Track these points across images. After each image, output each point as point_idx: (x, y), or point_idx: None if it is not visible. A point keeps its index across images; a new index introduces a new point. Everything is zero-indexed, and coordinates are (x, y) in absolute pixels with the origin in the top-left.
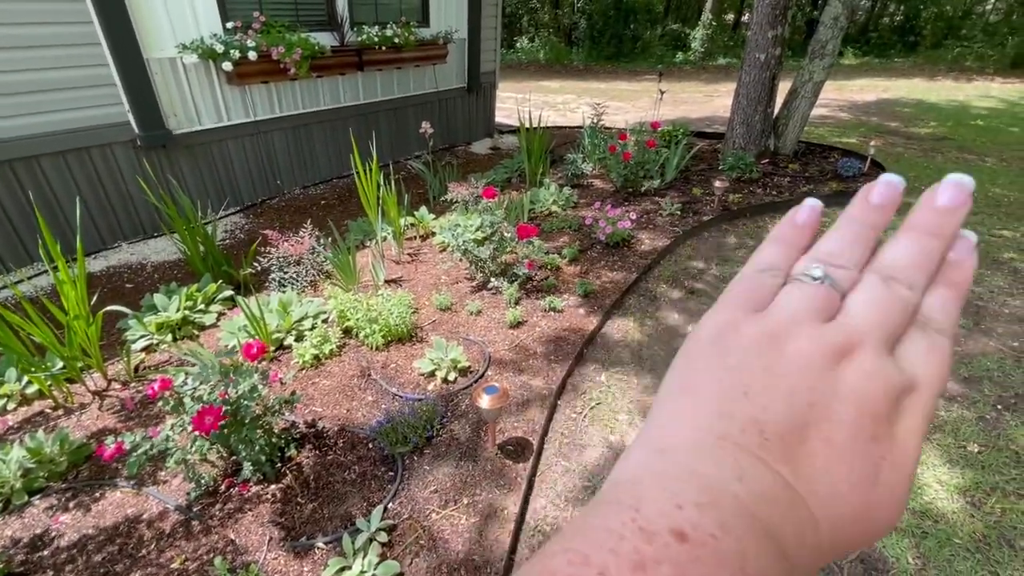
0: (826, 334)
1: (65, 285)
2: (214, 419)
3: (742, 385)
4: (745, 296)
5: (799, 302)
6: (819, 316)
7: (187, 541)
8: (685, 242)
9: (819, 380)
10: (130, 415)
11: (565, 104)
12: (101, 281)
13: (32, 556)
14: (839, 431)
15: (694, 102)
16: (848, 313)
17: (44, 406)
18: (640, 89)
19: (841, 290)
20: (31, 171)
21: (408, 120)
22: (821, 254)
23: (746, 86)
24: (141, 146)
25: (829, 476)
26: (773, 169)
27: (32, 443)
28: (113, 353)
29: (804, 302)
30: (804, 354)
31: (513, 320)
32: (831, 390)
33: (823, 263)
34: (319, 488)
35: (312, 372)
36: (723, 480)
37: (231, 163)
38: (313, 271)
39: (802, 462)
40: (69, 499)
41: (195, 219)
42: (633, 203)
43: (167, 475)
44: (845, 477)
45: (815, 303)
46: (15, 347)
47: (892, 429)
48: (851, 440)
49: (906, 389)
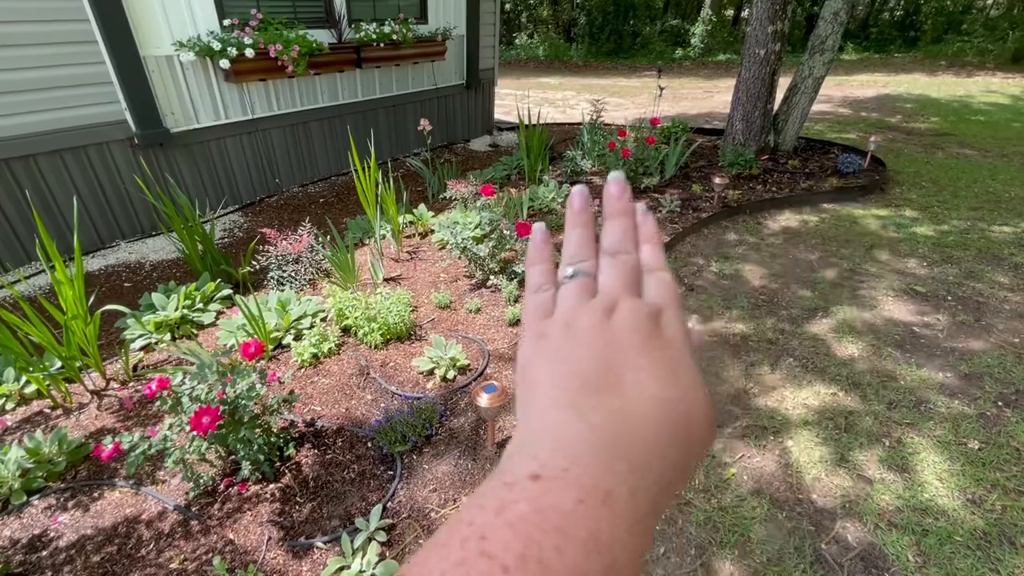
0: (594, 304)
1: (63, 285)
2: (211, 419)
3: (561, 360)
4: (536, 314)
5: (568, 296)
6: (585, 297)
7: (186, 541)
8: (685, 239)
9: (603, 331)
10: (128, 415)
11: (564, 101)
12: (99, 280)
13: (31, 556)
14: (632, 354)
15: (694, 98)
16: (602, 286)
17: (43, 406)
18: (639, 85)
19: (590, 275)
20: (28, 170)
21: (407, 117)
22: (567, 259)
23: (746, 82)
24: (139, 145)
25: (645, 387)
26: (773, 165)
27: (30, 443)
28: (111, 352)
29: (571, 295)
30: (587, 322)
31: (513, 318)
32: (613, 332)
33: (570, 265)
34: (318, 487)
35: (311, 371)
36: (569, 427)
37: (229, 161)
38: (312, 269)
39: (623, 388)
40: (68, 499)
41: (193, 218)
42: (633, 200)
43: (166, 475)
44: (655, 382)
45: (578, 291)
46: (13, 347)
47: (664, 338)
48: (642, 355)
49: (657, 311)
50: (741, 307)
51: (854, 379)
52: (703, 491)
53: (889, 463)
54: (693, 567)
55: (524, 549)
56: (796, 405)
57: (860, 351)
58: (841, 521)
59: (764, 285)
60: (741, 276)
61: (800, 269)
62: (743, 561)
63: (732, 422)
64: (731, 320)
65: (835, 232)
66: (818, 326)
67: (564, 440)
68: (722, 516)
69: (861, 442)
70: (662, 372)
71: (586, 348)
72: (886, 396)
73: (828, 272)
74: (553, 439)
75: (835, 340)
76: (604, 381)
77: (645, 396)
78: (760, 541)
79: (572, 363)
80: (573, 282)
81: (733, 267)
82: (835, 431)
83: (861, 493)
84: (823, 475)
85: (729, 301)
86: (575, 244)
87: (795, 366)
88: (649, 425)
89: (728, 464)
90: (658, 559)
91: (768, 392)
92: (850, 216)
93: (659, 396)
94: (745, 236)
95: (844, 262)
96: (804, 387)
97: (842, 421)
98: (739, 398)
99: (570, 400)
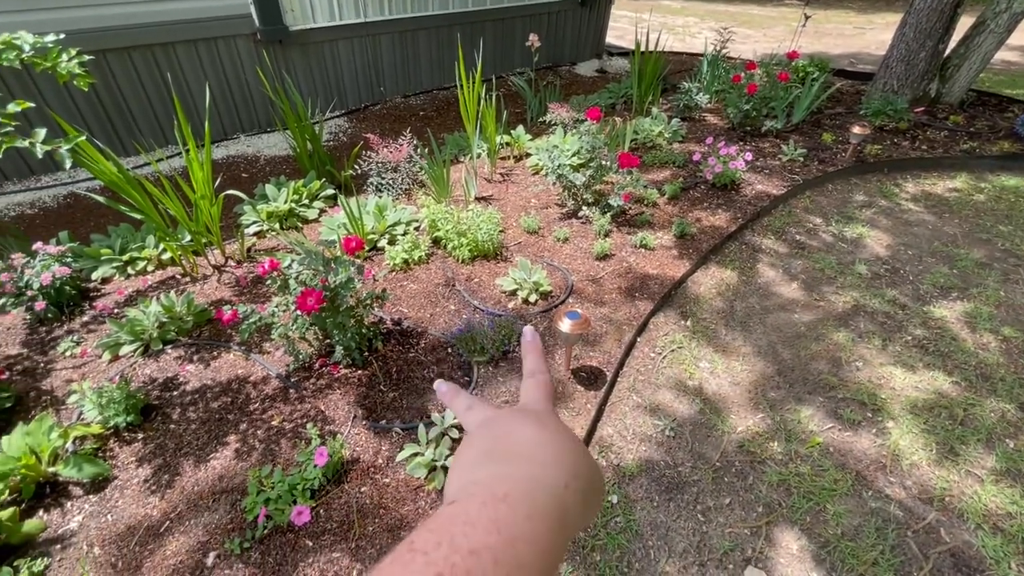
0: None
1: (194, 163)
2: (315, 301)
3: (469, 445)
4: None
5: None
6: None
7: (284, 405)
8: (803, 192)
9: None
10: (242, 290)
11: (685, 28)
12: (221, 168)
13: (165, 394)
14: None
15: (841, 34)
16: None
17: (175, 272)
18: (776, 15)
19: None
20: (168, 58)
21: (514, 32)
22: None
23: (918, 13)
24: (261, 40)
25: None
26: (929, 119)
27: (166, 301)
28: (230, 235)
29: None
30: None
31: (600, 252)
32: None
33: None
34: (399, 380)
35: (401, 275)
36: (475, 468)
37: (340, 64)
38: (408, 180)
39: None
40: (193, 353)
41: (305, 117)
42: (750, 143)
43: (271, 347)
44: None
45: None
46: (154, 217)
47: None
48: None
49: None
50: (857, 274)
51: (984, 371)
52: (781, 455)
53: (1008, 466)
54: (757, 523)
55: (439, 539)
56: (905, 387)
57: (998, 343)
58: (937, 514)
59: (890, 255)
60: (863, 242)
61: (940, 242)
62: (814, 528)
63: (824, 391)
64: (842, 287)
65: (993, 205)
66: (949, 308)
67: (476, 476)
68: (798, 481)
69: (979, 438)
70: (533, 423)
71: (487, 435)
72: (1020, 396)
73: (975, 250)
74: (470, 479)
75: (968, 326)
76: (496, 443)
77: (523, 438)
78: (837, 514)
79: (476, 442)
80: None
81: (856, 230)
82: (948, 421)
83: (967, 491)
84: (924, 464)
85: (844, 267)
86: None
87: (912, 345)
88: (529, 451)
89: (814, 432)
90: (721, 508)
91: (873, 368)
92: (1018, 189)
93: (532, 434)
94: (876, 198)
95: (999, 241)
96: (918, 370)
97: (959, 412)
98: (837, 367)
99: (475, 458)
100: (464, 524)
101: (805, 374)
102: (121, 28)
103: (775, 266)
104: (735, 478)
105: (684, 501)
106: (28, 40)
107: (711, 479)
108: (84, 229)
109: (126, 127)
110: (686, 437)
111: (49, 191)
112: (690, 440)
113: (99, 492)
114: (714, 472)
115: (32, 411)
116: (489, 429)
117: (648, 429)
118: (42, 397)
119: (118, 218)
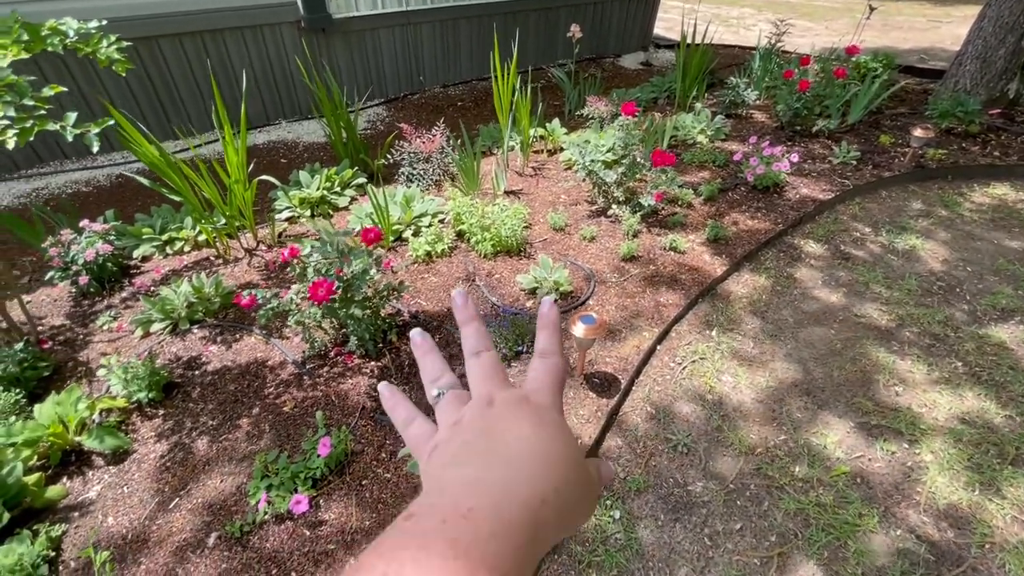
0: (474, 403)
1: (229, 148)
2: (326, 291)
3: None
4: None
5: (444, 413)
6: (459, 406)
7: (297, 391)
8: (853, 198)
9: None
10: (270, 275)
11: (740, 20)
12: (262, 152)
13: (187, 372)
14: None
15: (912, 28)
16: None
17: (209, 254)
18: (840, 7)
19: (454, 386)
20: (216, 45)
21: (558, 22)
22: (429, 381)
23: (999, 5)
24: (304, 28)
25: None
26: (1004, 123)
27: (196, 283)
28: (263, 219)
29: (446, 410)
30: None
31: (627, 252)
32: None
33: (434, 384)
34: (412, 374)
35: (422, 267)
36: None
37: (380, 53)
38: (439, 171)
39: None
40: (217, 335)
41: (341, 105)
42: (799, 143)
43: (290, 332)
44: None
45: (453, 403)
46: (191, 200)
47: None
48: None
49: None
50: (906, 290)
51: None
52: (802, 482)
53: None
54: (769, 553)
55: (386, 568)
56: (949, 417)
57: None
58: (974, 560)
59: (946, 271)
60: (917, 254)
61: (1005, 259)
62: (831, 565)
63: (857, 415)
64: (887, 303)
65: None
66: (1008, 331)
67: (444, 482)
68: (818, 512)
69: None
70: (531, 419)
71: (470, 428)
72: None
73: None
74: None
75: None
76: (482, 439)
77: (512, 437)
78: (859, 552)
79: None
80: (444, 399)
81: (909, 241)
82: (997, 460)
83: (1011, 538)
84: (964, 504)
85: (892, 281)
86: (430, 366)
87: (961, 372)
88: (513, 454)
89: (841, 460)
90: (731, 533)
91: (915, 394)
92: None
93: (526, 434)
94: (936, 207)
95: None
96: (966, 399)
97: (1010, 451)
98: (874, 390)
99: (452, 459)
100: (417, 548)
101: (837, 395)
102: (173, 15)
103: (814, 276)
104: (749, 502)
105: (691, 523)
106: (73, 26)
107: (722, 501)
108: (131, 208)
109: (176, 111)
110: (700, 454)
111: (103, 171)
112: (704, 458)
113: (119, 464)
114: (727, 494)
115: (68, 381)
116: (483, 417)
117: (660, 443)
118: (78, 368)
119: (161, 200)
